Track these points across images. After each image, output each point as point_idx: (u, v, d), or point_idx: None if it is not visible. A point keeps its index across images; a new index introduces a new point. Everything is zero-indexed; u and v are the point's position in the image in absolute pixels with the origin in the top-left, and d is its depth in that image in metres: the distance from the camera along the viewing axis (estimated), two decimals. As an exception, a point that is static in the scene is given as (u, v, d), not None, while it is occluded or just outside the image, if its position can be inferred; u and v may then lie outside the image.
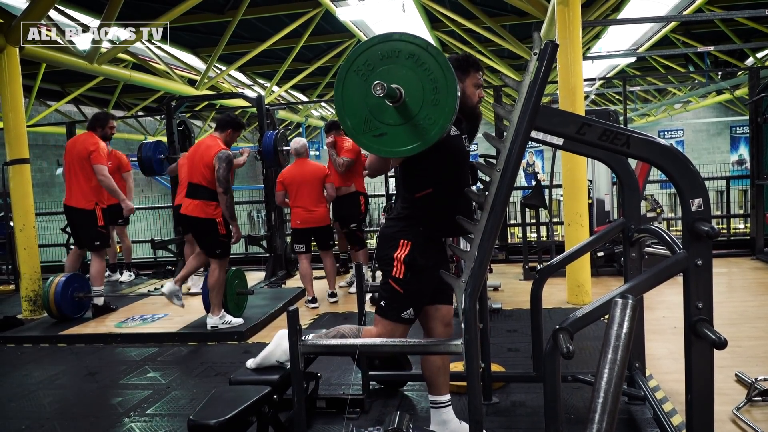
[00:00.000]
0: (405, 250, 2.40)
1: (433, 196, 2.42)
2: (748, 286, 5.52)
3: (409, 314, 2.43)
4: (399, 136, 2.04)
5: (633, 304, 1.53)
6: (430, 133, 2.01)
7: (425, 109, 2.00)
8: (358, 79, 2.03)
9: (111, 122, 5.56)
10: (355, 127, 2.07)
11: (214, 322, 4.64)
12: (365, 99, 2.03)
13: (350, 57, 2.05)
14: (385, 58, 2.01)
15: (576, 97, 4.95)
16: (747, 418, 2.67)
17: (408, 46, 1.99)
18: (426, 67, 1.98)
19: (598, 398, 1.40)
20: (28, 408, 3.41)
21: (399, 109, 2.01)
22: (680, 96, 17.10)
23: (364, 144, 2.10)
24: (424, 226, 2.43)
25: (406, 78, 1.99)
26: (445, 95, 1.98)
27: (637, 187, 2.92)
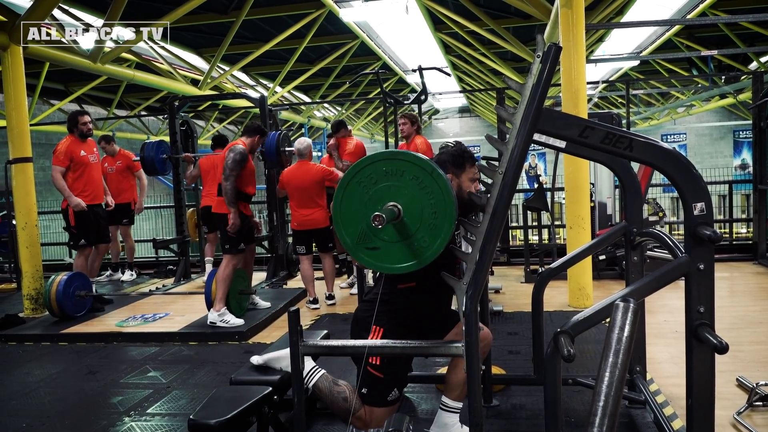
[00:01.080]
0: (377, 336, 2.43)
1: (416, 289, 2.44)
2: (749, 290, 5.51)
3: (395, 395, 2.46)
4: (393, 252, 2.03)
5: (634, 308, 1.53)
6: (424, 254, 2.01)
7: (422, 231, 2.00)
8: (360, 190, 2.03)
9: (81, 118, 5.58)
10: (351, 239, 2.06)
11: (213, 318, 4.66)
12: (364, 211, 2.02)
13: (355, 168, 2.04)
14: (388, 175, 2.00)
15: (579, 100, 4.95)
16: (748, 423, 2.67)
17: (413, 168, 1.98)
18: (428, 191, 1.98)
19: (598, 402, 1.40)
20: (29, 406, 3.42)
21: (396, 227, 2.01)
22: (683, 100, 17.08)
23: (358, 257, 2.08)
24: (399, 314, 2.46)
25: (408, 197, 1.99)
26: (443, 220, 1.98)
27: (640, 191, 2.92)
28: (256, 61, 10.83)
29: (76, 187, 5.47)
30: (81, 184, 5.51)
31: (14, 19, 5.64)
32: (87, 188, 5.55)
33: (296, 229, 5.44)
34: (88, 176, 5.57)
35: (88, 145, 5.62)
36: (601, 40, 10.77)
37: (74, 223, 5.48)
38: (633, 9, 8.61)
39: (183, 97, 8.61)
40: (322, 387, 2.54)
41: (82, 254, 5.59)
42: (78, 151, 5.49)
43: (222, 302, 4.66)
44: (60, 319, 5.20)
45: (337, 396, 2.51)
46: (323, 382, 2.55)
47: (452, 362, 2.56)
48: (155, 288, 6.64)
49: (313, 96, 16.02)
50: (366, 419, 2.46)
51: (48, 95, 13.12)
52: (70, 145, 5.48)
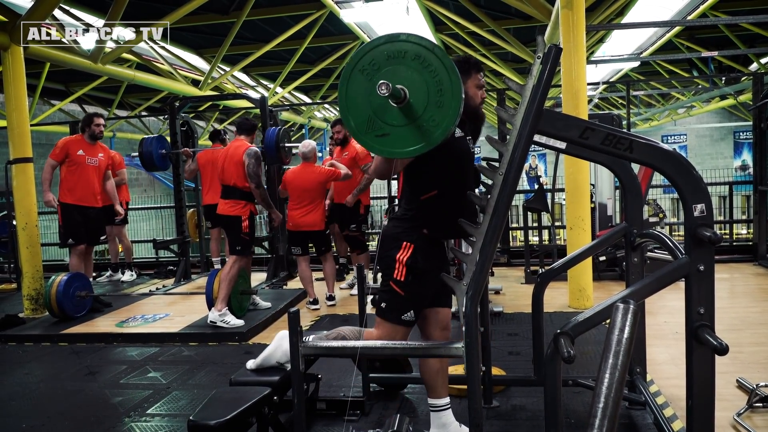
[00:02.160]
0: (407, 252, 2.39)
1: (438, 197, 2.41)
2: (750, 292, 5.51)
3: (410, 316, 2.42)
4: (402, 136, 2.03)
5: (634, 309, 1.53)
6: (434, 134, 2.00)
7: (429, 111, 1.99)
8: (363, 78, 2.02)
9: (96, 119, 5.67)
10: (358, 126, 2.06)
11: (214, 317, 4.66)
12: (369, 98, 2.02)
13: (356, 56, 2.04)
14: (390, 59, 2.00)
15: (579, 101, 4.95)
16: (748, 425, 2.66)
17: (414, 47, 1.98)
18: (432, 69, 1.97)
19: (598, 403, 1.40)
20: (29, 407, 3.42)
21: (403, 110, 2.00)
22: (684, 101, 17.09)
23: (366, 144, 2.08)
24: (428, 228, 2.42)
25: (411, 79, 1.98)
26: (449, 97, 1.97)
27: (640, 192, 2.92)
28: (257, 62, 10.83)
29: (66, 182, 5.53)
30: (71, 182, 5.54)
31: (15, 19, 5.64)
32: (77, 187, 5.55)
33: (291, 230, 5.42)
34: (80, 176, 5.56)
35: (93, 149, 5.65)
36: (602, 41, 10.78)
37: (62, 221, 5.56)
38: (633, 10, 8.61)
39: (183, 98, 8.60)
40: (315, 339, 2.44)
41: (74, 253, 5.62)
42: (76, 149, 5.53)
43: (224, 302, 4.66)
44: (60, 319, 5.20)
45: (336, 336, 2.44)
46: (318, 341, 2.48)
47: (419, 363, 2.55)
48: (155, 288, 6.63)
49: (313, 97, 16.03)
50: (377, 335, 2.42)
51: (48, 95, 13.13)
52: (69, 142, 5.56)
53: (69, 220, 5.56)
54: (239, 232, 4.76)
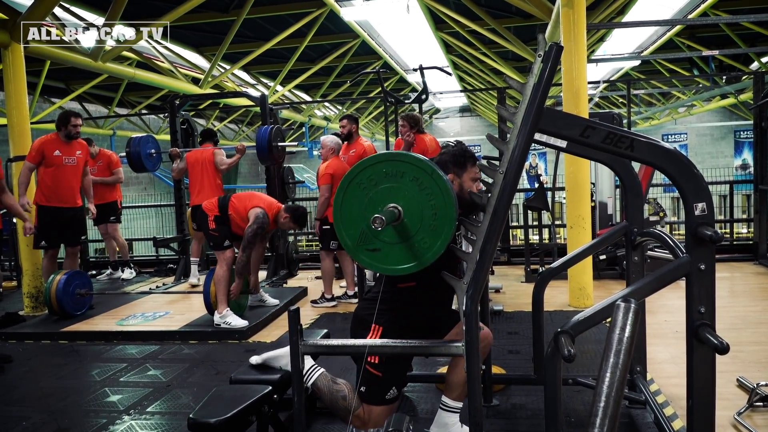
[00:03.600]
0: (377, 335, 2.43)
1: (416, 289, 2.44)
2: (750, 291, 5.51)
3: (393, 393, 2.46)
4: (393, 254, 2.04)
5: (635, 308, 1.53)
6: (425, 255, 2.01)
7: (422, 233, 2.00)
8: (360, 192, 2.03)
9: (73, 120, 5.45)
10: (351, 240, 2.06)
11: (216, 320, 4.65)
12: (364, 212, 2.02)
13: (354, 170, 2.04)
14: (388, 176, 2.01)
15: (580, 100, 4.95)
16: (748, 424, 2.67)
17: (413, 169, 1.98)
18: (428, 192, 1.98)
19: (599, 402, 1.39)
20: (29, 405, 3.42)
21: (396, 228, 2.01)
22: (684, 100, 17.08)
23: (359, 258, 2.09)
24: (398, 313, 2.45)
25: (408, 198, 1.99)
26: (443, 222, 1.98)
27: (640, 191, 2.91)
28: (257, 60, 10.82)
29: (43, 183, 5.37)
30: (48, 184, 5.37)
31: (15, 17, 5.64)
32: (54, 188, 5.37)
33: None
34: (57, 177, 5.38)
35: (70, 147, 5.45)
36: (602, 39, 10.76)
37: (37, 223, 5.35)
38: (634, 9, 8.60)
39: (184, 96, 8.59)
40: (321, 386, 2.55)
41: (46, 255, 5.53)
42: (52, 149, 5.34)
43: (224, 303, 4.65)
44: (60, 317, 5.20)
45: (336, 395, 2.51)
46: (322, 381, 2.55)
47: (452, 362, 2.55)
48: (155, 286, 6.63)
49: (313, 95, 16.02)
50: (364, 418, 2.46)
51: (49, 93, 13.11)
52: (45, 143, 5.34)
53: (43, 222, 5.37)
54: (207, 228, 4.74)
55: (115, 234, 7.16)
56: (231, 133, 20.96)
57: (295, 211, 4.80)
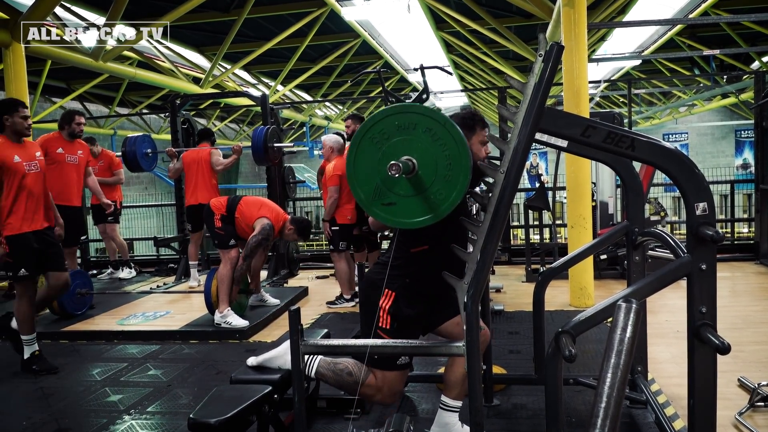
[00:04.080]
0: (389, 300, 2.41)
1: (428, 253, 2.42)
2: (751, 290, 5.50)
3: (404, 360, 2.45)
4: (409, 207, 2.03)
5: (637, 309, 1.52)
6: (440, 207, 2.00)
7: (437, 184, 1.99)
8: (373, 146, 2.02)
9: (77, 118, 5.43)
10: (366, 195, 2.05)
11: (218, 319, 4.65)
12: (378, 167, 2.01)
13: (366, 125, 2.03)
14: (401, 129, 1.99)
15: (581, 100, 4.94)
16: (749, 424, 2.66)
17: (426, 120, 1.97)
18: (442, 142, 1.97)
19: (600, 403, 1.39)
20: (30, 404, 3.42)
21: (411, 181, 1.99)
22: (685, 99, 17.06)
23: (374, 213, 2.07)
24: (411, 279, 2.44)
25: (421, 150, 1.98)
26: (458, 172, 1.97)
27: (641, 190, 2.91)
28: (258, 60, 10.82)
29: None
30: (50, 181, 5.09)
31: (16, 16, 5.65)
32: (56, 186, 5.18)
33: (347, 224, 5.33)
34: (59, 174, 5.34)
35: (72, 146, 5.44)
36: (603, 39, 10.75)
37: None
38: (635, 8, 8.58)
39: (184, 96, 8.60)
40: (325, 371, 2.54)
41: None
42: (55, 147, 5.32)
43: (225, 303, 4.65)
44: (60, 317, 5.20)
45: (341, 374, 2.50)
46: (324, 366, 2.54)
47: (450, 361, 2.55)
48: (156, 286, 6.63)
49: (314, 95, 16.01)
50: (376, 385, 2.45)
51: (50, 93, 13.11)
52: (48, 140, 5.30)
53: None
54: (213, 226, 4.75)
55: (113, 234, 7.15)
56: (232, 132, 20.96)
57: (300, 223, 4.78)
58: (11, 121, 3.88)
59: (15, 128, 3.89)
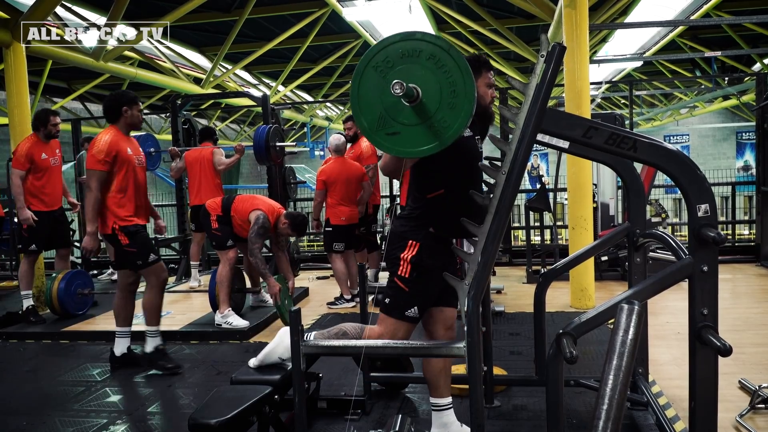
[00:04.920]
0: (413, 251, 2.38)
1: (445, 196, 2.39)
2: (752, 292, 5.49)
3: (413, 313, 2.41)
4: (413, 136, 2.01)
5: (639, 310, 1.52)
6: (445, 135, 1.98)
7: (441, 112, 1.97)
8: (376, 75, 2.00)
9: (52, 118, 5.25)
10: (369, 124, 2.04)
11: (218, 320, 4.65)
12: (382, 96, 1.99)
13: (370, 53, 2.01)
14: (405, 57, 1.97)
15: (582, 101, 4.94)
16: (750, 426, 2.66)
17: (429, 47, 1.95)
18: (446, 69, 1.95)
19: (602, 405, 1.39)
20: (30, 404, 3.41)
21: (415, 109, 1.98)
22: (686, 101, 17.06)
23: (377, 142, 2.06)
24: (434, 226, 2.41)
25: (425, 78, 1.96)
26: (462, 99, 1.95)
27: (643, 192, 2.91)
28: (259, 60, 10.83)
29: (34, 189, 5.13)
30: (39, 189, 5.17)
31: (17, 16, 5.64)
32: (46, 193, 5.19)
33: (342, 225, 5.36)
34: (48, 180, 5.20)
35: (50, 147, 5.24)
36: (605, 40, 10.75)
37: (26, 226, 5.12)
38: (636, 9, 8.59)
39: (185, 96, 8.61)
40: None
41: (27, 260, 5.23)
42: (39, 153, 5.12)
43: (226, 303, 4.65)
44: (61, 317, 5.20)
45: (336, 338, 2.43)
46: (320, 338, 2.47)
47: (423, 362, 2.55)
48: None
49: (315, 95, 16.02)
50: (379, 331, 2.42)
51: (50, 93, 13.13)
52: (30, 148, 5.10)
53: (37, 227, 5.13)
54: (210, 228, 4.76)
55: None
56: (233, 133, 20.96)
57: (295, 218, 4.70)
58: (130, 113, 3.90)
59: (131, 121, 3.92)
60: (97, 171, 3.73)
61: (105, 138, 3.77)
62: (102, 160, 3.72)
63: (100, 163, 3.72)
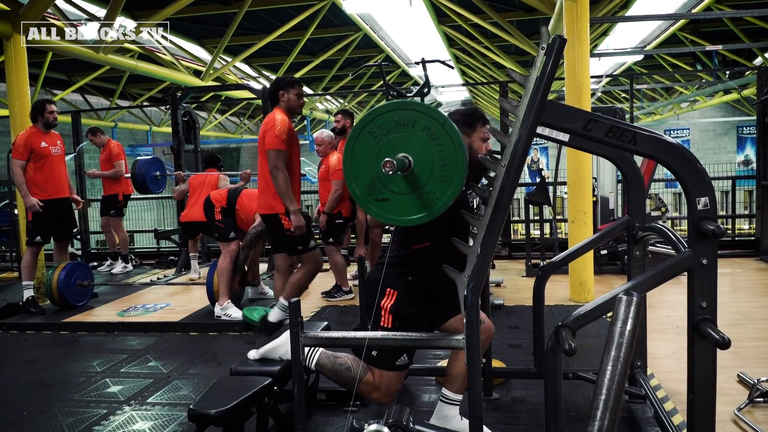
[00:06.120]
0: (391, 299, 2.41)
1: (430, 249, 2.41)
2: (752, 287, 5.50)
3: (404, 360, 2.44)
4: (402, 204, 2.03)
5: (638, 302, 1.52)
6: (434, 206, 2.00)
7: (432, 183, 1.98)
8: (371, 140, 2.01)
9: (48, 107, 5.23)
10: (360, 189, 2.05)
11: (218, 311, 4.66)
12: (374, 162, 2.00)
13: (366, 118, 2.03)
14: (400, 125, 1.99)
15: (582, 95, 4.93)
16: (748, 419, 2.67)
17: (425, 118, 1.97)
18: (440, 142, 1.96)
19: (600, 395, 1.39)
20: (30, 395, 3.43)
21: (406, 178, 1.99)
22: (687, 95, 17.02)
23: (368, 208, 2.08)
24: (414, 276, 2.43)
25: (418, 148, 1.98)
26: (453, 173, 1.96)
27: (643, 185, 2.91)
28: (259, 53, 10.79)
29: (36, 178, 5.16)
30: (41, 178, 5.18)
31: (17, 8, 5.62)
32: (48, 182, 5.20)
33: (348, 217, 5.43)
34: (49, 169, 5.21)
35: (51, 137, 5.27)
36: (606, 34, 10.71)
37: (31, 217, 5.18)
38: (637, 3, 8.56)
39: (185, 88, 8.58)
40: (324, 363, 2.53)
41: (31, 251, 5.26)
42: (38, 142, 5.15)
43: (225, 295, 4.66)
44: (61, 308, 5.22)
45: (340, 368, 2.50)
46: (324, 359, 2.54)
47: (453, 354, 2.55)
48: (156, 278, 6.64)
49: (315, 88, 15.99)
50: (374, 383, 2.45)
51: (50, 85, 13.09)
52: (29, 137, 5.13)
53: (42, 217, 5.16)
54: (213, 219, 4.78)
55: (115, 228, 7.12)
56: (232, 125, 20.93)
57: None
58: (287, 97, 3.94)
59: (289, 105, 3.95)
60: (282, 151, 3.75)
61: (279, 117, 3.81)
62: (285, 140, 3.75)
63: (284, 143, 3.74)
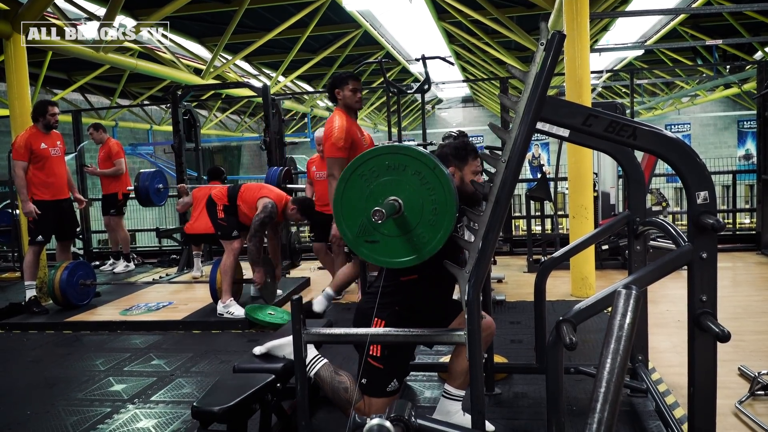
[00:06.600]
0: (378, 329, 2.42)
1: (418, 282, 2.44)
2: (752, 280, 5.51)
3: (394, 386, 2.46)
4: (392, 247, 2.04)
5: (636, 295, 1.53)
6: (423, 250, 2.02)
7: (422, 227, 2.00)
8: (362, 183, 2.03)
9: (50, 108, 5.26)
10: (351, 231, 2.07)
11: (220, 309, 4.68)
12: (365, 205, 2.02)
13: (357, 161, 2.04)
14: (391, 169, 2.01)
15: (583, 90, 4.93)
16: (749, 412, 2.68)
17: (415, 163, 1.98)
18: (430, 187, 1.98)
19: (600, 387, 1.40)
20: (34, 394, 3.44)
21: (396, 221, 2.01)
22: (688, 89, 17.00)
23: (359, 250, 2.09)
24: (401, 307, 2.46)
25: (409, 192, 1.99)
26: (443, 217, 1.98)
27: (643, 180, 2.91)
28: (259, 51, 10.79)
29: (37, 179, 5.18)
30: (42, 179, 5.20)
31: (17, 7, 5.63)
32: (49, 182, 5.22)
33: None
34: (49, 169, 5.23)
35: (51, 138, 5.28)
36: (606, 29, 10.69)
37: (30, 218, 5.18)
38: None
39: (186, 87, 8.58)
40: (324, 376, 2.55)
41: (33, 250, 5.27)
42: (38, 143, 5.16)
43: (228, 293, 4.67)
44: (64, 307, 5.23)
45: (338, 386, 2.52)
46: (325, 372, 2.56)
47: (455, 350, 2.56)
48: (159, 277, 6.65)
49: (315, 85, 15.98)
50: (365, 410, 2.47)
51: (51, 84, 13.10)
52: (29, 138, 5.14)
53: (42, 217, 5.18)
54: (216, 217, 4.78)
55: (116, 227, 7.12)
56: (233, 123, 20.93)
57: (302, 202, 4.80)
58: (342, 94, 3.98)
59: (346, 102, 3.99)
60: (339, 158, 3.71)
61: (337, 124, 3.76)
62: (342, 146, 3.71)
63: (340, 150, 3.71)
